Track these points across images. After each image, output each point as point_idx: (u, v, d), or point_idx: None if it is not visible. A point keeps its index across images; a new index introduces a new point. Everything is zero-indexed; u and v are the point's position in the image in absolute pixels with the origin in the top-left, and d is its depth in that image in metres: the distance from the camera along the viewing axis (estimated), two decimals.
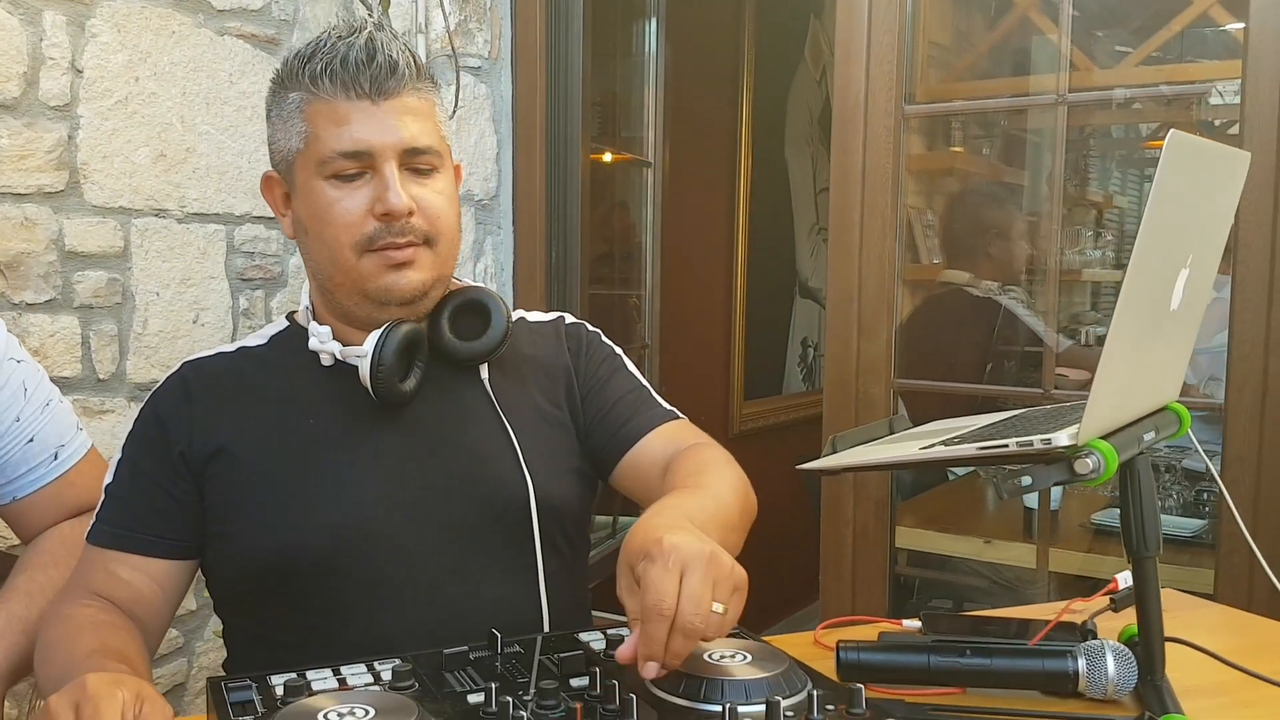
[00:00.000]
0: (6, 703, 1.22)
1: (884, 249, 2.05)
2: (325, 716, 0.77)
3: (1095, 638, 1.03)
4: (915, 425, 1.21)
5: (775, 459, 2.19)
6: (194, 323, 2.04)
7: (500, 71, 2.34)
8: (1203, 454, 1.14)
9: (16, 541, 1.44)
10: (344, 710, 0.78)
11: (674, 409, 1.27)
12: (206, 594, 1.25)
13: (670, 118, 3.35)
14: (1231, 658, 1.07)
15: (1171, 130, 0.79)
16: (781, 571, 2.75)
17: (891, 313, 2.08)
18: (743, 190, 4.17)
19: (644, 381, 1.29)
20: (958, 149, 4.41)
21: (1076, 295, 3.84)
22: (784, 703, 0.81)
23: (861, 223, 2.07)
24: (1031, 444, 0.87)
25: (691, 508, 0.98)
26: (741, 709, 0.81)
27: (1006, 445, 0.89)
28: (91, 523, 1.18)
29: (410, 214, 1.12)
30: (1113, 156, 5.00)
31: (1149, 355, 0.94)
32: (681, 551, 0.83)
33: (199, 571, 1.21)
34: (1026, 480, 0.87)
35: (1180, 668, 1.07)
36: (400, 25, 2.13)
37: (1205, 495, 2.39)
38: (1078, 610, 1.17)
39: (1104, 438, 0.88)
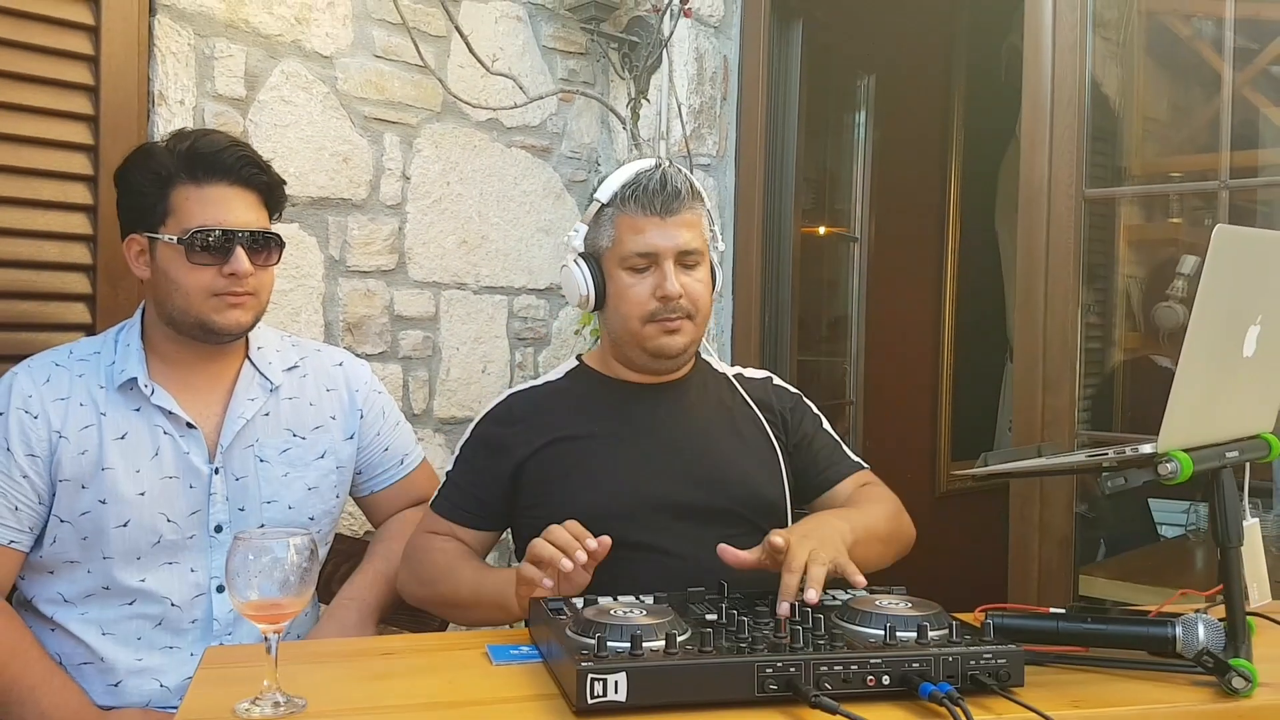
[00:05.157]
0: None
1: (1066, 316, 2.32)
2: (613, 611, 1.17)
3: None
4: None
5: (981, 517, 2.45)
6: (482, 373, 2.56)
7: (725, 167, 2.78)
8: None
9: (366, 529, 1.95)
10: (626, 608, 1.18)
11: (860, 460, 1.75)
12: None
13: (877, 196, 3.69)
14: None
15: (1218, 226, 1.10)
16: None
17: (1074, 372, 2.33)
18: (951, 260, 4.41)
19: (836, 436, 1.77)
20: (1176, 220, 4.52)
21: None
22: (931, 631, 1.15)
23: (1046, 293, 2.34)
24: (1124, 452, 1.18)
25: (850, 516, 1.50)
26: (899, 632, 1.15)
27: (1107, 454, 1.20)
28: (435, 494, 1.68)
29: (680, 297, 1.58)
30: None
31: (1226, 390, 1.22)
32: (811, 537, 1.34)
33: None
34: (1120, 480, 1.18)
35: (1273, 644, 1.31)
36: (646, 133, 2.60)
37: None
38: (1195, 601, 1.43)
39: (1188, 452, 1.17)
